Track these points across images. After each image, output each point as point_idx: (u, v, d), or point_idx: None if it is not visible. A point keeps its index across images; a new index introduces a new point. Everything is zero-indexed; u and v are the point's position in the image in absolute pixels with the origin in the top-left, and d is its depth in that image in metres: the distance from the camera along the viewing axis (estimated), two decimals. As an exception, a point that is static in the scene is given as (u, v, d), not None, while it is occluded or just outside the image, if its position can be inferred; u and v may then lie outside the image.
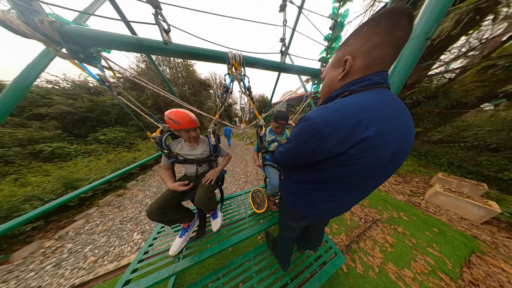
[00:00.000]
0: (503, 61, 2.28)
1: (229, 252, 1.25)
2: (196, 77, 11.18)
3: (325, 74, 0.40)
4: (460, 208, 1.71)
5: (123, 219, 2.02)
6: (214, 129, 0.95)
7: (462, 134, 3.03)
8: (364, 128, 0.26)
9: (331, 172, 0.34)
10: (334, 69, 0.35)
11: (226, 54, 0.75)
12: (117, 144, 4.87)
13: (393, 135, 0.29)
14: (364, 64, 0.30)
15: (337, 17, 1.02)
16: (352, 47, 0.31)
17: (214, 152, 0.89)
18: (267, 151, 1.11)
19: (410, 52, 0.65)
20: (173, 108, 0.74)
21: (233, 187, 2.58)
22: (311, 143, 0.30)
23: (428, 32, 0.60)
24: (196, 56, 0.75)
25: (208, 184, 0.79)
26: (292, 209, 0.51)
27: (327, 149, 0.29)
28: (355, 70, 0.31)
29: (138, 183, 3.05)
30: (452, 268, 1.15)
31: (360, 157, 0.29)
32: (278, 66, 1.00)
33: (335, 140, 0.28)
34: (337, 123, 0.27)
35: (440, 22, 0.61)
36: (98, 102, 5.85)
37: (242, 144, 6.21)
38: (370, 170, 0.31)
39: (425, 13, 0.60)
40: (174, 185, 0.75)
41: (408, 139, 0.32)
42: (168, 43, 0.67)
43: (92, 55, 0.59)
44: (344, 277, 1.04)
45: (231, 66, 0.77)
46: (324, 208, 0.43)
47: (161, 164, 0.82)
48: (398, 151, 0.31)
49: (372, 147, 0.28)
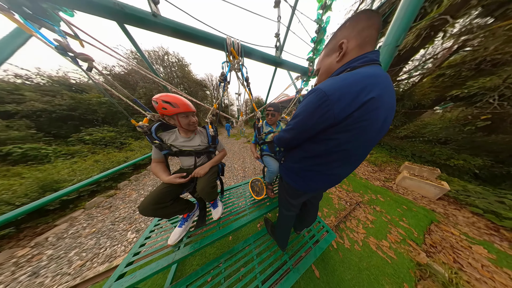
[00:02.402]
0: (449, 71, 2.69)
1: (230, 240, 1.22)
2: (192, 77, 10.52)
3: (319, 65, 0.42)
4: (422, 188, 1.97)
5: (114, 219, 1.80)
6: (212, 120, 0.88)
7: (421, 131, 3.49)
8: (368, 92, 0.29)
9: (333, 141, 0.35)
10: (329, 57, 0.39)
11: (224, 40, 0.68)
12: (106, 144, 4.33)
13: (387, 102, 0.32)
14: (358, 43, 0.34)
15: (321, 22, 1.06)
16: (343, 34, 0.35)
17: (213, 144, 0.81)
18: (264, 142, 1.11)
19: (384, 57, 0.73)
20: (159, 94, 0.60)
21: (232, 181, 2.52)
22: (319, 111, 0.31)
23: (397, 40, 0.69)
24: (191, 37, 0.65)
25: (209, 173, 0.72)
26: (293, 187, 0.53)
27: (333, 114, 0.30)
28: (351, 49, 0.35)
29: (131, 183, 2.76)
30: (418, 235, 1.31)
31: (361, 120, 0.31)
32: (274, 60, 1.00)
33: (342, 104, 0.30)
34: (345, 89, 0.29)
35: (406, 33, 0.70)
36: (81, 100, 5.10)
37: (239, 143, 6.10)
38: (364, 135, 0.33)
39: (395, 25, 0.68)
40: (170, 177, 0.64)
41: (393, 110, 0.35)
42: (157, 15, 0.54)
43: (45, 13, 0.40)
44: (334, 252, 1.11)
45: (229, 54, 0.72)
46: (322, 180, 0.45)
47: (152, 157, 0.68)
48: (386, 120, 0.34)
49: (373, 108, 0.30)
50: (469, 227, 1.48)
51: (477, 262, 1.11)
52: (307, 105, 0.34)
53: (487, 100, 2.14)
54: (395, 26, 0.69)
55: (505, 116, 2.21)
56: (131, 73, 7.28)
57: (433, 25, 2.30)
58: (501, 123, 2.43)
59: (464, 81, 2.57)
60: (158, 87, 7.55)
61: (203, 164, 0.76)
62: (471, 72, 2.50)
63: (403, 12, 0.67)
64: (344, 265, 1.02)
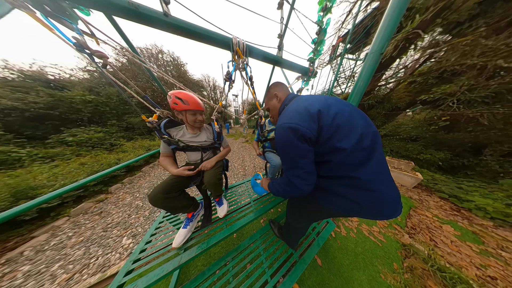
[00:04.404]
0: (419, 78, 3.03)
1: (234, 238, 1.17)
2: (188, 77, 10.03)
3: (268, 105, 0.61)
4: (400, 179, 2.18)
5: (106, 226, 1.60)
6: (218, 117, 0.86)
7: (397, 130, 3.87)
8: (311, 107, 0.38)
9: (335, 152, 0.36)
10: (271, 100, 0.58)
11: (230, 40, 0.68)
12: (93, 146, 3.85)
13: (330, 103, 0.40)
14: (283, 93, 0.56)
15: (322, 24, 1.10)
16: (273, 92, 0.57)
17: (218, 140, 0.80)
18: (266, 139, 1.09)
19: (371, 63, 0.81)
20: (175, 90, 0.62)
21: (233, 180, 2.45)
22: (300, 139, 0.36)
23: (382, 48, 0.77)
24: (199, 36, 0.66)
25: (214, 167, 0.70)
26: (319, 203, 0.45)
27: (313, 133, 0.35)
28: (281, 97, 0.55)
29: (125, 186, 2.50)
30: (401, 220, 1.43)
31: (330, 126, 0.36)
32: (277, 59, 0.99)
33: (306, 124, 0.36)
34: (298, 114, 0.38)
35: (388, 42, 0.77)
36: (63, 97, 4.44)
37: (238, 142, 5.98)
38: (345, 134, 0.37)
39: (379, 35, 0.76)
40: (179, 170, 0.64)
41: (339, 102, 0.41)
42: (168, 15, 0.55)
43: (64, 12, 0.41)
44: (333, 241, 1.14)
45: (235, 53, 0.71)
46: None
47: (161, 151, 0.68)
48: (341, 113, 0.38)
49: (327, 114, 0.37)
50: (439, 210, 1.67)
51: (447, 239, 1.26)
52: (284, 143, 0.38)
53: (448, 104, 2.45)
54: (379, 36, 0.77)
55: (459, 118, 2.56)
56: (121, 70, 6.59)
57: (408, 38, 2.56)
58: (457, 123, 2.82)
59: (430, 87, 2.92)
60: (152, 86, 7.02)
61: (209, 159, 0.75)
62: (436, 80, 2.85)
63: (386, 23, 0.74)
64: (342, 252, 1.05)
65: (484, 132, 2.51)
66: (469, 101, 2.39)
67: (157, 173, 2.91)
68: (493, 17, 2.23)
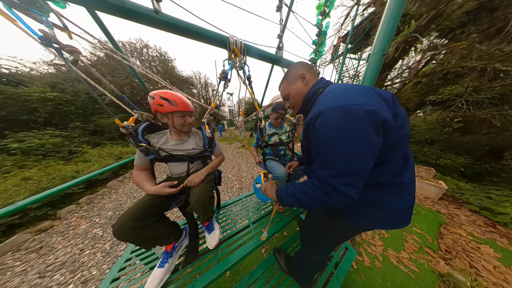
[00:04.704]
0: (425, 79, 3.45)
1: (227, 277, 1.04)
2: (176, 74, 10.44)
3: (287, 90, 0.51)
4: (423, 188, 2.22)
5: (46, 268, 1.36)
6: (210, 120, 0.87)
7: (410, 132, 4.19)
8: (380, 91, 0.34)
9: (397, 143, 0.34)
10: (293, 83, 0.49)
11: (227, 38, 0.75)
12: (45, 154, 3.57)
13: None
14: (311, 75, 0.48)
15: (321, 27, 1.28)
16: (298, 71, 0.48)
17: (209, 147, 0.78)
18: (267, 145, 1.10)
19: (375, 64, 0.94)
20: (158, 90, 0.62)
21: (226, 196, 2.31)
22: (376, 129, 0.29)
23: (383, 49, 0.91)
24: (193, 34, 0.72)
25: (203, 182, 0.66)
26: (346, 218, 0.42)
27: (390, 118, 0.30)
28: (310, 79, 0.47)
29: (81, 208, 2.24)
30: (432, 241, 1.40)
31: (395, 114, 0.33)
32: (276, 59, 1.09)
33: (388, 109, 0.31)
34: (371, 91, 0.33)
35: (389, 44, 0.91)
36: (15, 95, 4.28)
37: (233, 148, 5.88)
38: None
39: (379, 37, 0.90)
40: (157, 187, 0.57)
41: None
42: (159, 12, 0.60)
43: (34, 3, 0.43)
44: (355, 275, 1.05)
45: (232, 52, 0.77)
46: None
47: (136, 164, 0.63)
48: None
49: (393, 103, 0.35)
50: (472, 226, 1.68)
51: (488, 263, 1.22)
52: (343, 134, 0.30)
53: (457, 105, 2.74)
54: (379, 38, 0.91)
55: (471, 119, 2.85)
56: (96, 64, 6.73)
57: (407, 40, 3.01)
58: (471, 125, 3.11)
59: (437, 88, 3.32)
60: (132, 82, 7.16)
61: (198, 171, 0.71)
62: (441, 81, 3.26)
63: (384, 28, 0.89)
64: (368, 290, 0.97)
65: (499, 134, 2.77)
66: (477, 102, 2.70)
67: (128, 188, 2.68)
68: (481, 25, 2.76)
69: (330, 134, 0.31)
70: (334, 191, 0.31)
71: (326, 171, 0.32)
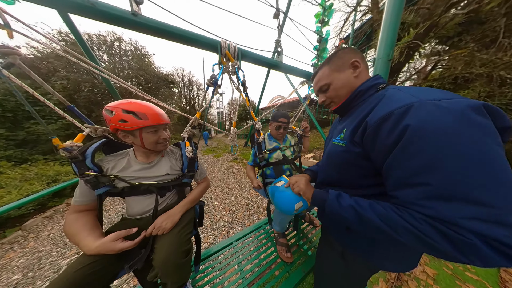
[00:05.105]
0: (435, 83, 3.98)
1: None
2: (153, 71, 10.70)
3: (328, 78, 0.49)
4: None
5: None
6: (191, 135, 0.83)
7: None
8: None
9: None
10: (341, 71, 0.47)
11: (218, 42, 0.81)
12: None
13: None
14: (365, 66, 0.47)
15: (321, 34, 1.50)
16: (350, 58, 0.46)
17: (190, 170, 0.70)
18: (267, 164, 1.05)
19: (382, 69, 1.09)
20: (119, 100, 0.56)
21: (209, 235, 1.89)
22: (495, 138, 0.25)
23: (388, 54, 1.06)
24: (179, 38, 0.77)
25: (171, 231, 0.54)
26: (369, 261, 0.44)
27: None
28: (364, 70, 0.46)
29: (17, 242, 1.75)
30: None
31: None
32: (274, 63, 1.19)
33: None
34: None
35: (393, 50, 1.07)
36: None
37: (221, 162, 5.13)
38: None
39: (381, 43, 1.07)
40: (103, 242, 0.45)
41: None
42: (138, 14, 0.65)
43: None
44: None
45: (223, 56, 0.83)
46: None
47: (73, 203, 0.52)
48: None
49: None
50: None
51: None
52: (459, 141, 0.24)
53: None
54: (382, 44, 1.07)
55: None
56: (47, 58, 6.82)
57: (409, 46, 3.59)
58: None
59: None
60: (93, 79, 7.21)
61: (170, 209, 0.61)
62: (452, 86, 3.75)
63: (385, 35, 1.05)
64: None
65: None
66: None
67: (57, 230, 2.13)
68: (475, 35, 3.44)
69: (449, 139, 0.24)
70: (472, 246, 0.22)
71: (449, 206, 0.23)
